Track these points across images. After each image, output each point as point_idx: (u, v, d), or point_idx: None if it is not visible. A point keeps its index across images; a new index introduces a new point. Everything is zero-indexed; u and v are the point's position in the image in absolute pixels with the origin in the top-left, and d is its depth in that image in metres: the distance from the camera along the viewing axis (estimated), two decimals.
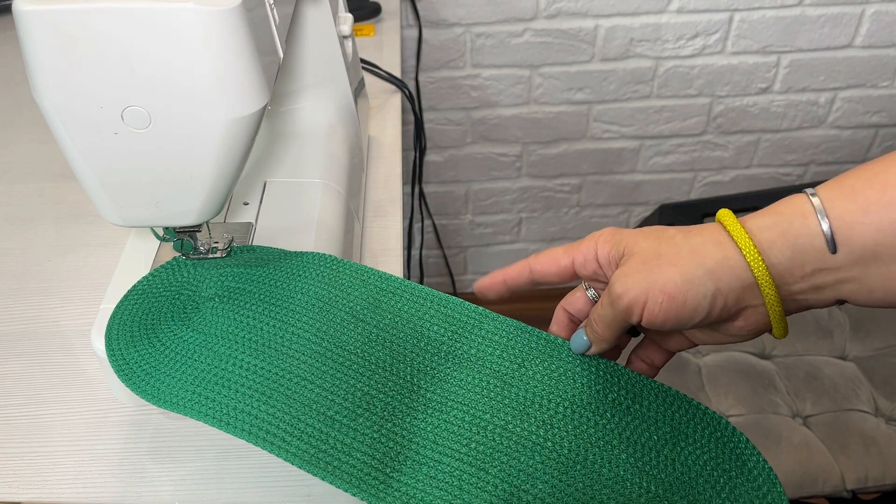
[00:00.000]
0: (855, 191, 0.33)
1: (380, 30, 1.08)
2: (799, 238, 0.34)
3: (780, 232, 0.35)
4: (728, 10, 1.35)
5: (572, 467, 0.39)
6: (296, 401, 0.41)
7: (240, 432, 0.40)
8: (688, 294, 0.36)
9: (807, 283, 0.35)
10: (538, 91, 1.42)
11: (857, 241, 0.33)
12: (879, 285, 0.34)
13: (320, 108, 0.67)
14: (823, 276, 0.35)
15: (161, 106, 0.38)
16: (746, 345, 1.11)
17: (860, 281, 0.34)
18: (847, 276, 0.34)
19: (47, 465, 0.47)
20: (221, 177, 0.42)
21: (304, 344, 0.44)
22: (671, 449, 0.40)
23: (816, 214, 0.34)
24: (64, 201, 0.70)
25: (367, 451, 0.40)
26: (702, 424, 0.42)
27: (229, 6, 0.36)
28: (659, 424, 0.41)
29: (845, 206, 0.33)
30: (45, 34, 0.35)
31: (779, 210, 0.36)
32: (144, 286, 0.48)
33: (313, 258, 0.49)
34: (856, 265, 0.34)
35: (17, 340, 0.56)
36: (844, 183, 0.34)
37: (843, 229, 0.33)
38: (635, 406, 0.42)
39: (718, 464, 0.40)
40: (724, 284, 0.36)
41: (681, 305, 0.36)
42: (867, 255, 0.33)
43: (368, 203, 0.71)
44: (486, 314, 0.46)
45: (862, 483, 0.93)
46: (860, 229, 0.33)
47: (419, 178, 1.39)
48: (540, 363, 0.43)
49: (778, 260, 0.35)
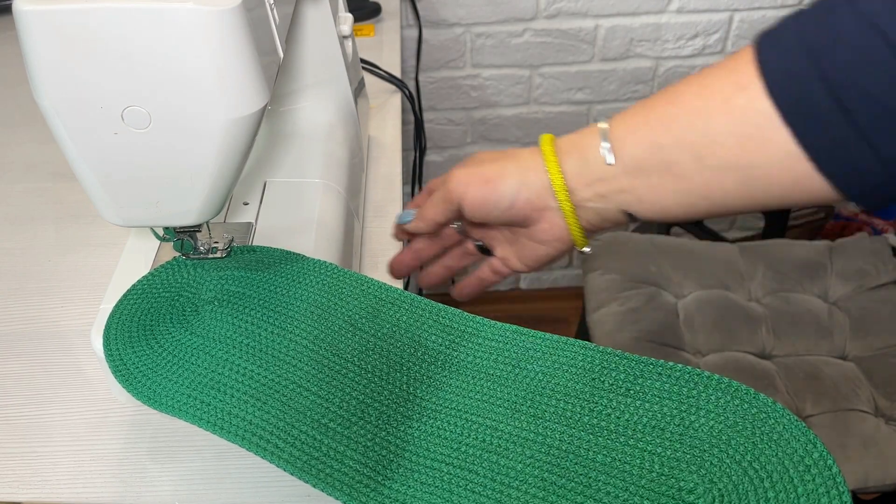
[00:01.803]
0: (631, 114, 0.41)
1: (380, 30, 1.08)
2: (587, 150, 0.42)
3: (575, 145, 0.43)
4: (728, 10, 1.35)
5: (563, 458, 0.39)
6: (291, 407, 0.41)
7: (233, 437, 0.40)
8: (499, 181, 0.44)
9: (592, 191, 0.43)
10: (538, 91, 1.42)
11: (627, 154, 0.41)
12: (647, 195, 0.41)
13: (320, 108, 0.67)
14: (604, 186, 0.42)
15: (161, 106, 0.38)
16: (746, 345, 1.11)
17: (632, 192, 0.41)
18: (622, 185, 0.41)
19: (47, 465, 0.47)
20: (221, 177, 0.42)
21: (301, 351, 0.44)
22: (678, 424, 0.39)
23: (600, 134, 0.42)
24: (64, 201, 0.70)
25: (359, 459, 0.40)
26: (715, 394, 0.39)
27: (229, 6, 0.36)
28: (663, 402, 0.40)
29: (621, 126, 0.41)
30: (45, 34, 0.35)
31: (581, 132, 0.43)
32: (144, 286, 0.48)
33: (314, 265, 0.49)
34: (627, 176, 0.41)
35: (17, 340, 0.56)
36: (629, 110, 0.42)
37: (616, 144, 0.41)
38: (635, 387, 0.41)
39: (738, 431, 0.38)
40: (529, 180, 0.44)
41: (492, 189, 0.44)
42: (634, 167, 0.40)
43: (368, 203, 0.71)
44: (484, 322, 0.46)
45: (862, 483, 0.93)
46: (629, 144, 0.40)
47: (419, 178, 1.39)
48: (534, 361, 0.43)
49: (570, 167, 0.43)
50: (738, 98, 0.36)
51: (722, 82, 0.37)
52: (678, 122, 0.39)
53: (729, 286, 1.17)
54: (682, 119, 0.39)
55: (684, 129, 0.38)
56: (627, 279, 1.16)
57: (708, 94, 0.38)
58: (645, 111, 0.41)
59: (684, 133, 0.38)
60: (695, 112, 0.38)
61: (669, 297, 1.16)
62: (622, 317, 1.10)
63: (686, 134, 0.38)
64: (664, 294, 1.15)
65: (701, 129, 0.38)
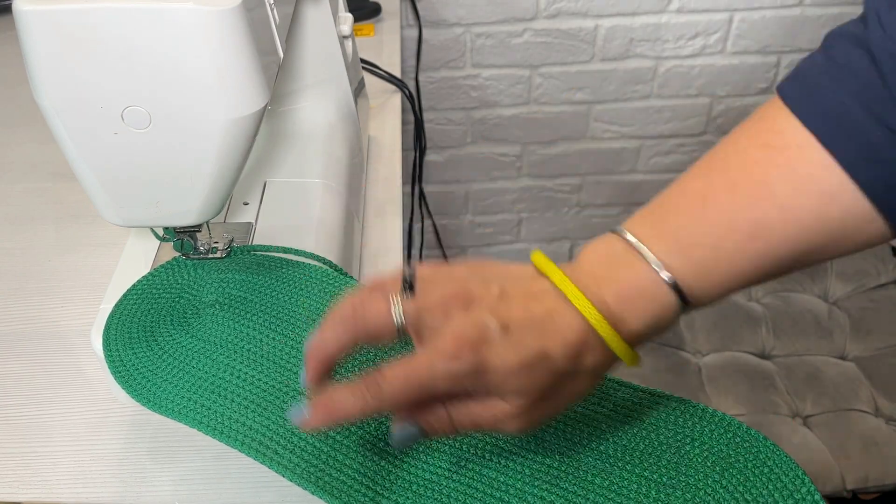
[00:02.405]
0: (660, 220, 0.37)
1: (380, 30, 1.08)
2: (654, 302, 0.36)
3: (638, 301, 0.36)
4: (728, 10, 1.35)
5: (563, 478, 0.39)
6: None
7: (233, 442, 0.40)
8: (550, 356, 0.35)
9: (642, 323, 0.36)
10: (538, 91, 1.42)
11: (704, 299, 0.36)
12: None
13: (320, 108, 0.67)
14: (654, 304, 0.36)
15: (161, 106, 0.38)
16: (746, 345, 1.11)
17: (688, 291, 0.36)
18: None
19: (47, 465, 0.47)
20: (221, 177, 0.42)
21: (301, 358, 0.44)
22: (674, 453, 0.40)
23: (671, 291, 0.35)
24: (64, 201, 0.70)
25: (358, 469, 0.40)
26: (709, 426, 0.41)
27: (229, 6, 0.36)
28: (660, 430, 0.41)
29: (665, 242, 0.37)
30: (45, 34, 0.35)
31: (613, 263, 0.37)
32: (144, 286, 0.48)
33: (316, 272, 0.49)
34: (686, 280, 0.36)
35: (17, 340, 0.56)
36: (654, 218, 0.38)
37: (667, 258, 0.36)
38: (633, 414, 0.42)
39: (730, 463, 0.39)
40: (582, 346, 0.35)
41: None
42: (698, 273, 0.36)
43: (368, 203, 0.71)
44: None
45: (862, 483, 0.93)
46: (705, 292, 0.36)
47: (419, 178, 1.39)
48: None
49: (614, 303, 0.36)
50: (796, 160, 0.33)
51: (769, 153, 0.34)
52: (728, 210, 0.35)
53: None
54: (731, 204, 0.35)
55: (740, 210, 0.35)
56: None
57: (757, 169, 0.35)
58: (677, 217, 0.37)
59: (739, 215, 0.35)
60: (752, 188, 0.35)
61: None
62: None
63: (744, 214, 0.35)
64: None
65: (766, 203, 0.34)
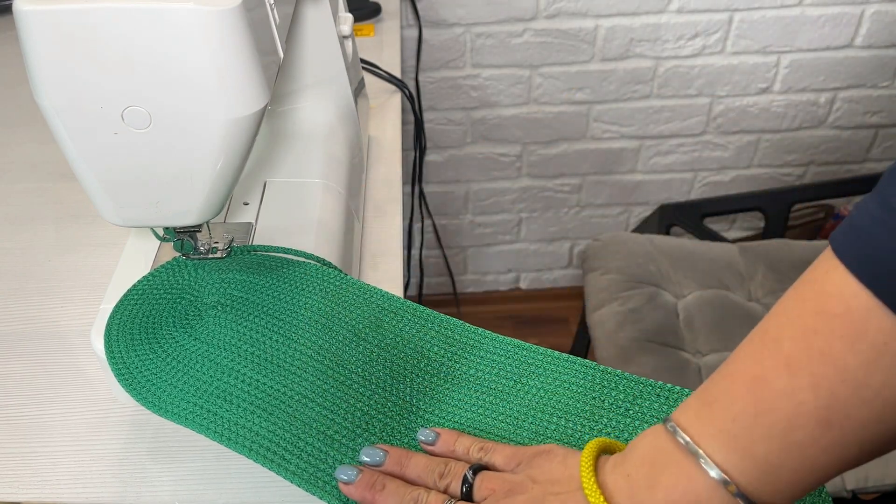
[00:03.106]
0: (709, 420, 0.32)
1: (380, 30, 1.08)
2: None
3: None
4: (728, 10, 1.35)
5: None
6: (297, 419, 0.41)
7: (240, 448, 0.40)
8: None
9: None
10: (538, 91, 1.42)
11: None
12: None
13: (320, 108, 0.67)
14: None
15: (161, 106, 0.38)
16: None
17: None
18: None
19: (47, 465, 0.47)
20: (221, 177, 0.42)
21: (306, 361, 0.44)
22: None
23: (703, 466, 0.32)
24: (64, 201, 0.70)
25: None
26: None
27: (229, 6, 0.36)
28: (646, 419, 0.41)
29: (722, 444, 0.32)
30: (45, 34, 0.35)
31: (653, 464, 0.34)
32: (144, 286, 0.48)
33: (317, 272, 0.49)
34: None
35: (17, 340, 0.56)
36: (749, 454, 0.31)
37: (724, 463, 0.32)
38: (633, 408, 0.41)
39: None
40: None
41: None
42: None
43: (368, 203, 0.71)
44: (485, 335, 0.46)
45: (862, 483, 0.93)
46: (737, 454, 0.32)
47: (419, 178, 1.39)
48: (536, 377, 0.44)
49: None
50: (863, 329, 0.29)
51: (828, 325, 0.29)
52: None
53: (729, 286, 1.17)
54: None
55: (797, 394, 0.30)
56: (627, 279, 1.16)
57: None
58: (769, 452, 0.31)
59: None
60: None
61: (669, 296, 1.16)
62: (622, 317, 1.10)
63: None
64: (664, 294, 1.15)
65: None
